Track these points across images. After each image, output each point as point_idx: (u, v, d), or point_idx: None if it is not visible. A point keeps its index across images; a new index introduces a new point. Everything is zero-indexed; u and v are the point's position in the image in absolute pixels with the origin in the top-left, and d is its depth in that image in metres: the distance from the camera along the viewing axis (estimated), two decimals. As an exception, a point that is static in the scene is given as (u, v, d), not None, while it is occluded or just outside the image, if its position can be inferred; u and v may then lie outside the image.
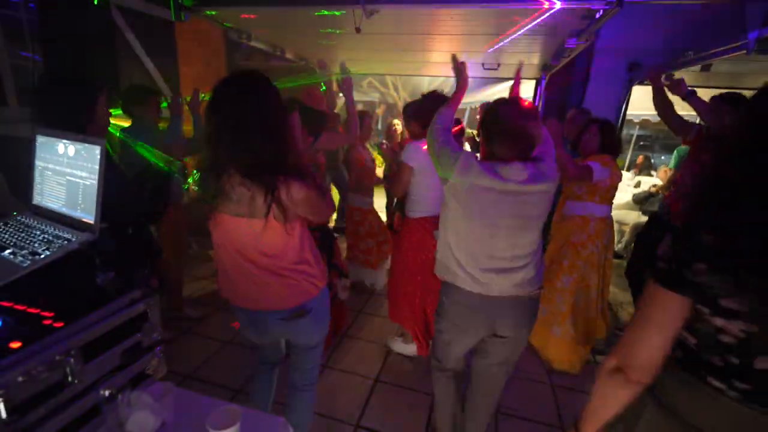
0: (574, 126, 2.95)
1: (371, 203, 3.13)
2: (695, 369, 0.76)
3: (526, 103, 1.31)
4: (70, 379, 0.86)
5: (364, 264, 3.16)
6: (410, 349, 2.47)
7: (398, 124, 3.82)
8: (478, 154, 1.41)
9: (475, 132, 3.46)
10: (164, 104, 2.44)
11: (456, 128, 2.13)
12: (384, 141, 3.59)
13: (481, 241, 1.33)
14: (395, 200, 3.05)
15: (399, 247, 2.32)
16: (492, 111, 1.31)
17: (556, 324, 2.37)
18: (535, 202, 1.30)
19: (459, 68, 1.60)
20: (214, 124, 1.12)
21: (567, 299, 2.32)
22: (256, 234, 1.17)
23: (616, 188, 2.31)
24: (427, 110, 1.97)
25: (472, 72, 4.17)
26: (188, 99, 2.27)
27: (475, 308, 1.40)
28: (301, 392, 1.51)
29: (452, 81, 1.85)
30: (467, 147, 3.37)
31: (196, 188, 1.22)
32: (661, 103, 2.40)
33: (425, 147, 1.94)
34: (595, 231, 2.27)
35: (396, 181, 2.13)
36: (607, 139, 2.29)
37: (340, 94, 2.34)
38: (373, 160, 3.12)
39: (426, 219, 2.16)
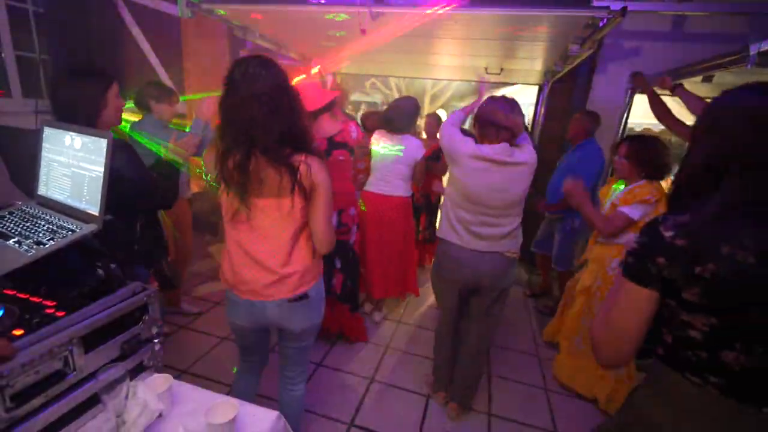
0: (581, 129, 2.96)
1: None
2: (675, 365, 0.79)
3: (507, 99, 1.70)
4: (70, 368, 0.87)
5: None
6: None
7: None
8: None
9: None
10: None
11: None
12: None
13: (472, 204, 1.73)
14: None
15: (361, 223, 2.65)
16: (482, 107, 1.72)
17: (585, 344, 2.22)
18: (517, 173, 1.68)
19: (480, 87, 2.12)
20: (245, 106, 1.11)
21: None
22: (285, 213, 1.20)
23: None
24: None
25: (474, 76, 4.19)
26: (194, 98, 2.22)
27: (460, 258, 1.80)
28: (291, 387, 1.51)
29: (454, 84, 2.26)
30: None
31: (222, 179, 1.19)
32: (659, 110, 2.32)
33: (380, 138, 2.63)
34: None
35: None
36: (642, 161, 1.95)
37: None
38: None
39: (372, 193, 2.67)
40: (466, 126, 2.16)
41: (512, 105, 1.67)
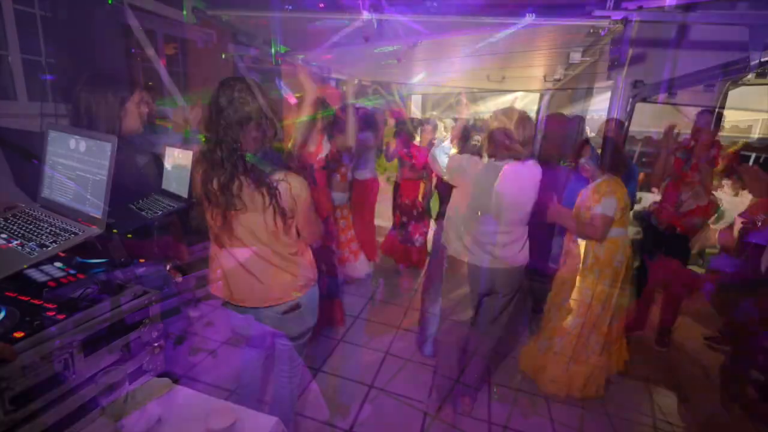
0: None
1: (347, 198, 3.27)
2: None
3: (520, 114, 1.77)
4: (69, 371, 0.87)
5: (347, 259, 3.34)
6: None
7: None
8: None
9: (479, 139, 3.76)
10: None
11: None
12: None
13: (486, 216, 1.79)
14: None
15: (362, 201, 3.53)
16: (496, 128, 1.78)
17: (544, 338, 2.32)
18: (520, 185, 1.78)
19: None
20: (232, 130, 1.16)
21: (562, 315, 2.26)
22: (263, 226, 1.24)
23: (624, 210, 2.11)
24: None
25: (477, 83, 4.20)
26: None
27: (475, 275, 1.86)
28: (282, 381, 1.57)
29: (456, 90, 2.19)
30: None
31: (205, 197, 1.25)
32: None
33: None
34: (606, 253, 2.13)
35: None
36: (603, 160, 2.14)
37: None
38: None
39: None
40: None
41: (523, 123, 1.75)
